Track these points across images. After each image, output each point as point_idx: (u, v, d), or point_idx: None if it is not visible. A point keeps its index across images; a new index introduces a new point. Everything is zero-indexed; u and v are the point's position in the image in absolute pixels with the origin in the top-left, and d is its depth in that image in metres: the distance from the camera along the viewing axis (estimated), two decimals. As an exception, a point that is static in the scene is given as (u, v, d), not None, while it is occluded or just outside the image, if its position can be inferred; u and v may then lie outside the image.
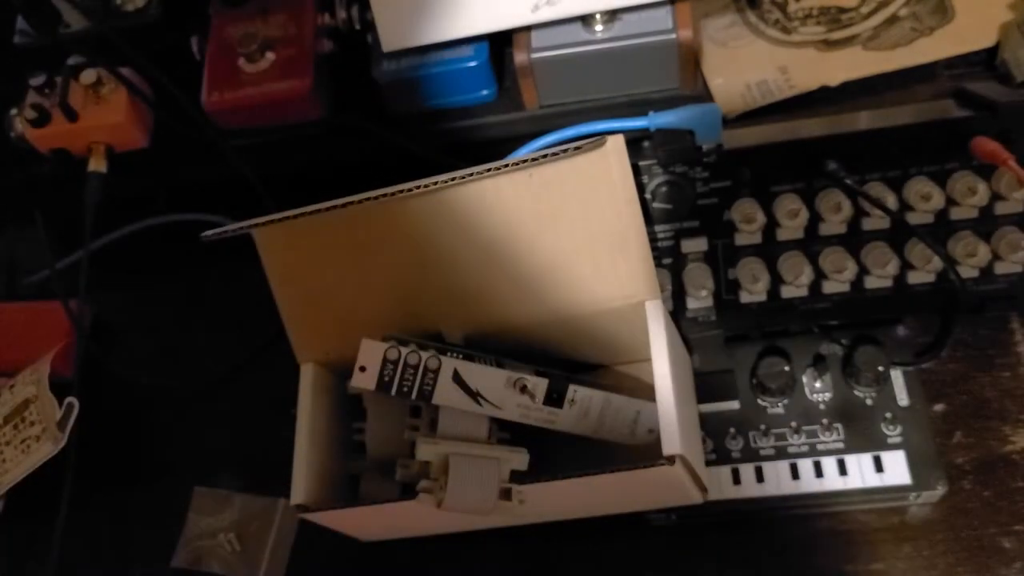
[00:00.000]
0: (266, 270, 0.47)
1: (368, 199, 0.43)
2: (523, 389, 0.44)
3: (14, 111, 0.64)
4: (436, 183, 0.42)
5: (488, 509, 0.43)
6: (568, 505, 0.48)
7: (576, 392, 0.45)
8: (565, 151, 0.40)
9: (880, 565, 0.47)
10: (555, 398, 0.45)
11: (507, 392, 0.44)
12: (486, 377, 0.44)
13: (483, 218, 0.45)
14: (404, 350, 0.43)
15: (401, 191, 0.42)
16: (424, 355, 0.43)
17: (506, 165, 0.41)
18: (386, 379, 0.43)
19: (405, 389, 0.43)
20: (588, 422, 0.46)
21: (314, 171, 0.63)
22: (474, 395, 0.44)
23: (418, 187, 0.42)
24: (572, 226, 0.44)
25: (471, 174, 0.41)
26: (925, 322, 0.51)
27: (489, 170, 0.41)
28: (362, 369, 0.43)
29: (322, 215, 0.44)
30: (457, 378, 0.44)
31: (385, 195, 0.43)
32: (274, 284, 0.48)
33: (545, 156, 0.41)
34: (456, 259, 0.46)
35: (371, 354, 0.43)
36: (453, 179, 0.42)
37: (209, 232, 0.44)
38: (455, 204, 0.45)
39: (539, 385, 0.44)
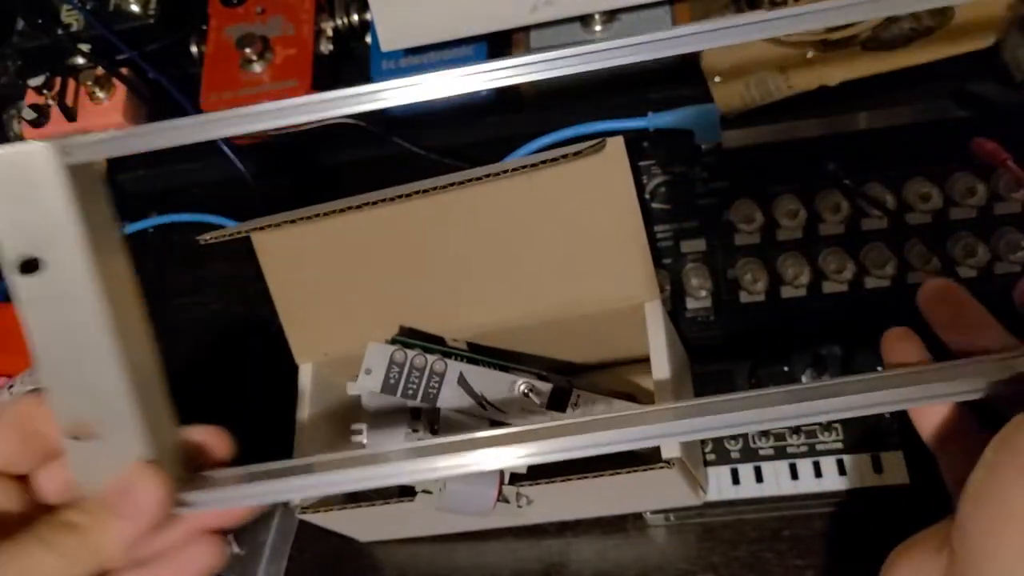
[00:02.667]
0: (264, 272, 0.47)
1: (367, 204, 0.43)
2: (527, 394, 0.44)
3: (13, 111, 0.64)
4: (435, 187, 0.42)
5: (486, 511, 0.43)
6: (567, 506, 0.48)
7: (579, 396, 0.45)
8: (564, 156, 0.40)
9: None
10: (558, 403, 0.45)
11: (511, 396, 0.44)
12: (490, 381, 0.44)
13: (483, 220, 0.45)
14: (410, 353, 0.43)
15: (400, 195, 0.42)
16: (430, 358, 0.44)
17: (506, 170, 0.41)
18: (391, 381, 0.43)
19: (410, 392, 0.44)
20: (587, 423, 0.46)
21: (314, 171, 0.63)
22: (478, 399, 0.44)
23: (417, 192, 0.42)
24: (572, 228, 0.44)
25: (471, 178, 0.41)
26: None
27: (488, 174, 0.41)
28: (368, 371, 0.43)
29: (321, 219, 0.44)
30: (462, 381, 0.44)
31: (384, 200, 0.43)
32: (272, 286, 0.48)
33: (544, 161, 0.41)
34: (456, 261, 0.46)
35: (377, 356, 0.43)
36: (452, 183, 0.42)
37: (206, 235, 0.44)
38: (455, 206, 0.45)
39: (543, 390, 0.45)
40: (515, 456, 0.29)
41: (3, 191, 0.29)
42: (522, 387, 0.44)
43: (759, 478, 0.48)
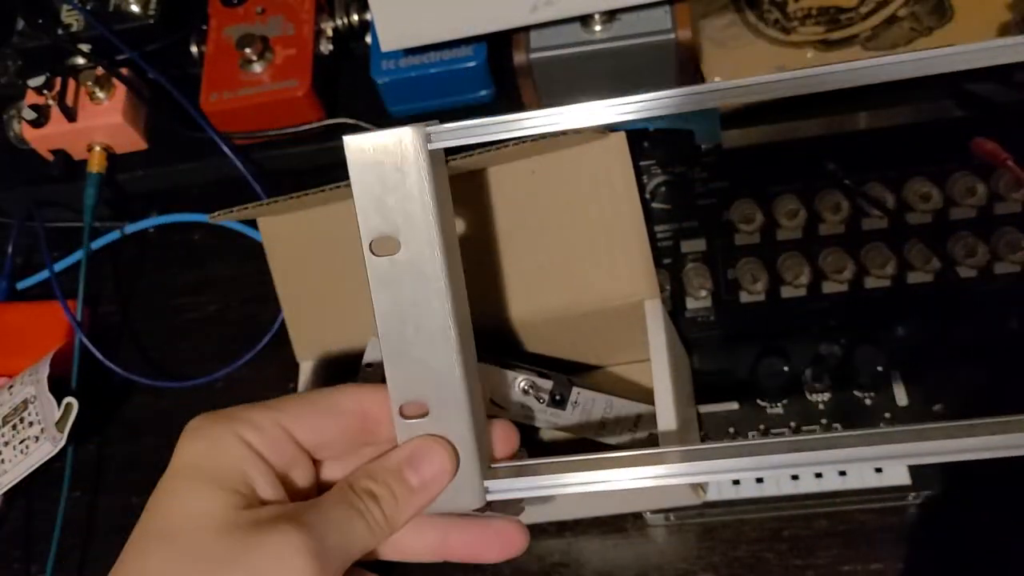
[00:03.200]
0: (269, 263, 0.47)
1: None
2: (527, 391, 0.44)
3: (13, 111, 0.64)
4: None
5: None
6: (566, 504, 0.48)
7: (579, 395, 0.45)
8: (565, 133, 0.40)
9: (879, 565, 0.47)
10: (558, 400, 0.45)
11: (511, 393, 0.44)
12: (491, 377, 0.44)
13: (483, 217, 0.45)
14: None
15: None
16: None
17: (506, 144, 0.40)
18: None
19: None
20: (590, 424, 0.46)
21: (314, 172, 0.63)
22: (478, 395, 0.44)
23: None
24: (573, 223, 0.44)
25: (471, 153, 0.41)
26: (924, 322, 0.51)
27: (489, 149, 0.40)
28: (368, 366, 0.43)
29: (327, 207, 0.44)
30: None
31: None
32: (277, 278, 0.48)
33: (545, 136, 0.40)
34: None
35: (378, 352, 0.43)
36: (454, 157, 0.41)
37: (216, 213, 0.44)
38: (456, 199, 0.44)
39: (543, 387, 0.45)
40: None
41: (373, 172, 0.31)
42: (522, 384, 0.44)
43: (759, 478, 0.48)
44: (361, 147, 0.31)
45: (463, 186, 0.44)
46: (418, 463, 0.32)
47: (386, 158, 0.31)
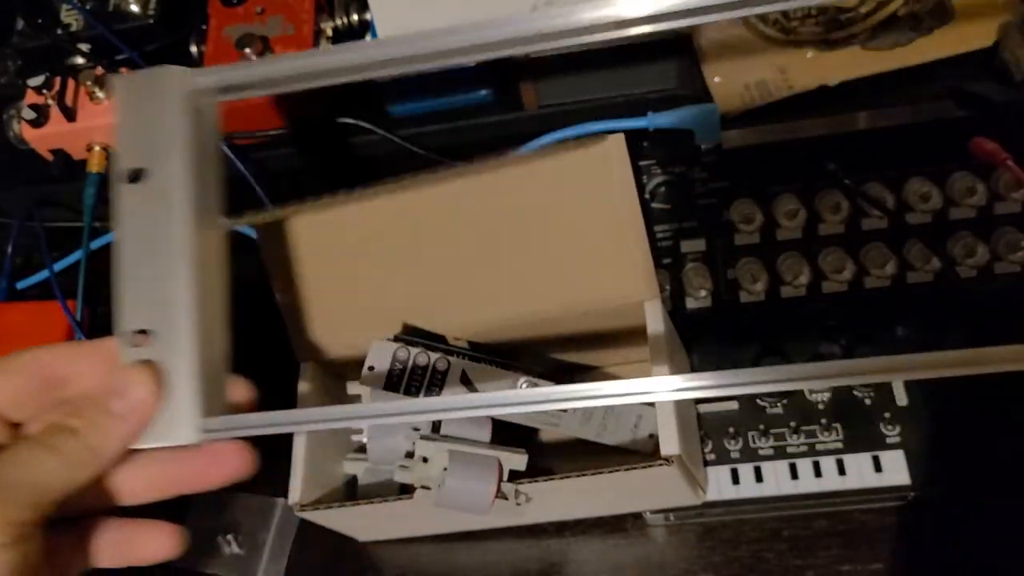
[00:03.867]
0: (267, 267, 0.47)
1: (366, 197, 0.43)
2: (528, 392, 0.44)
3: (13, 111, 0.64)
4: (438, 178, 0.41)
5: (485, 508, 0.43)
6: (566, 505, 0.48)
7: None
8: (564, 143, 0.40)
9: (879, 565, 0.47)
10: (560, 401, 0.45)
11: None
12: (493, 379, 0.44)
13: (484, 219, 0.45)
14: (413, 351, 0.44)
15: (403, 184, 0.42)
16: (433, 356, 0.44)
17: (506, 163, 0.41)
18: (395, 379, 0.43)
19: (413, 389, 0.44)
20: (591, 426, 0.46)
21: (315, 172, 0.63)
22: (480, 397, 0.44)
23: (422, 181, 0.41)
24: (572, 224, 0.44)
25: (471, 170, 0.41)
26: (924, 322, 0.51)
27: (489, 166, 0.41)
28: (370, 369, 0.43)
29: (322, 211, 0.44)
30: (465, 379, 0.44)
31: (385, 191, 0.43)
32: (274, 282, 0.48)
33: (546, 149, 0.41)
34: (457, 256, 0.46)
35: (381, 354, 0.43)
36: (454, 174, 0.41)
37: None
38: (457, 200, 0.45)
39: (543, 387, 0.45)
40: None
41: (136, 107, 0.32)
42: (524, 385, 0.44)
43: (759, 478, 0.48)
44: (128, 84, 0.32)
45: (465, 187, 0.44)
46: (121, 390, 0.31)
47: (149, 95, 0.32)
